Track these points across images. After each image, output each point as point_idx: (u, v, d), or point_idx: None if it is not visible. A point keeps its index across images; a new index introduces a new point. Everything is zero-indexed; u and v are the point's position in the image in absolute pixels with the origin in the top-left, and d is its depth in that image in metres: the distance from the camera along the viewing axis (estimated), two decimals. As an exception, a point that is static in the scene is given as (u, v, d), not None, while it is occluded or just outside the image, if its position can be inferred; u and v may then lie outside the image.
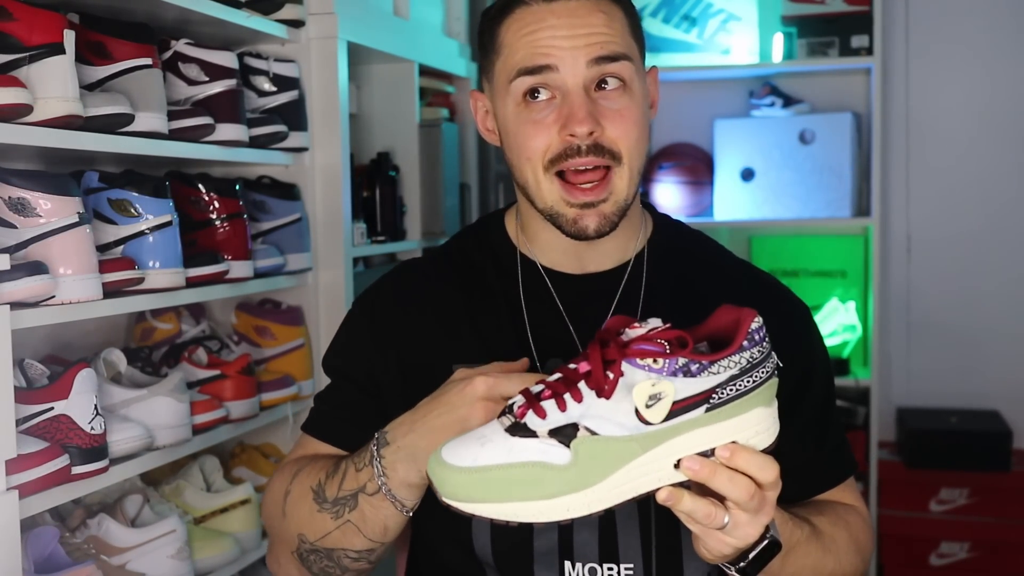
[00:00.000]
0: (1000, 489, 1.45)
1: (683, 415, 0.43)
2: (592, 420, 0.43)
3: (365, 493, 0.52)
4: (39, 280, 0.67)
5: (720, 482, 0.44)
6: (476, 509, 0.44)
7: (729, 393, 0.44)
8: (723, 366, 0.43)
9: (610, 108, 0.54)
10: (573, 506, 0.43)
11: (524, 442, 0.43)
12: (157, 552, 0.79)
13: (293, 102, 0.99)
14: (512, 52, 0.54)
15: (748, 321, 0.44)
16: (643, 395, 0.43)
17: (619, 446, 0.43)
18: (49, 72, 0.68)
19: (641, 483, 0.44)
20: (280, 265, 0.98)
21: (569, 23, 0.53)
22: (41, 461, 0.67)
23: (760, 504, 0.45)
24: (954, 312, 1.58)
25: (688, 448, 0.44)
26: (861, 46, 1.47)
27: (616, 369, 0.43)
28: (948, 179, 1.59)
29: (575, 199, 0.54)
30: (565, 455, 0.43)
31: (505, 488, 0.43)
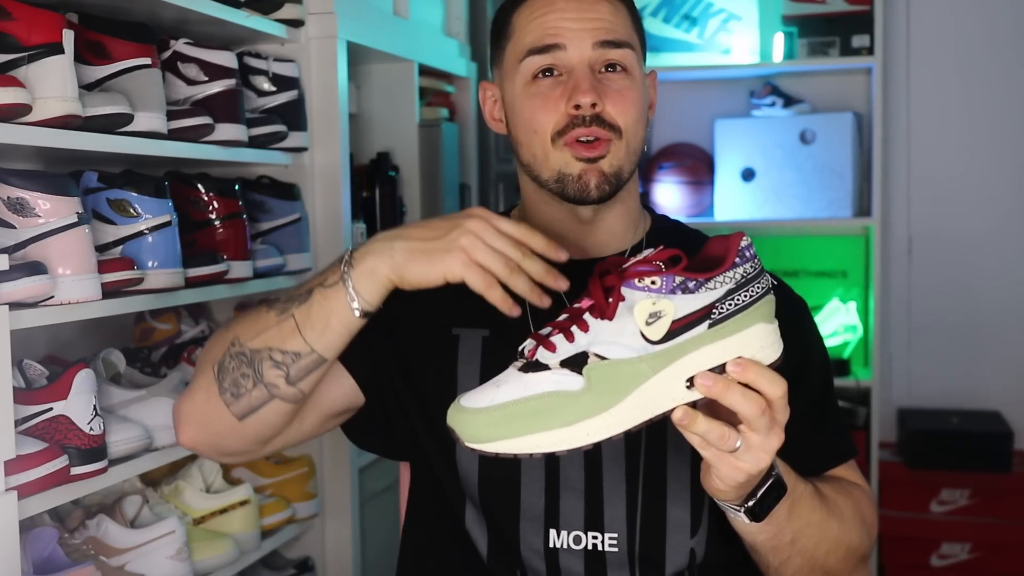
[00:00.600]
0: (1001, 490, 1.45)
1: (687, 332, 0.44)
2: (600, 346, 0.44)
3: (323, 286, 0.52)
4: (38, 280, 0.67)
5: (733, 397, 0.44)
6: (499, 447, 0.44)
7: (729, 308, 0.45)
8: (719, 282, 0.45)
9: (612, 87, 0.57)
10: (592, 430, 0.44)
11: (538, 376, 0.45)
12: (156, 553, 0.79)
13: (293, 102, 0.99)
14: (523, 35, 0.58)
15: (738, 240, 0.46)
16: (643, 313, 0.44)
17: (629, 367, 0.44)
18: (48, 72, 0.68)
19: (656, 404, 0.44)
20: (280, 265, 0.98)
21: (578, 6, 0.57)
22: (40, 462, 0.67)
23: (770, 424, 0.45)
24: (955, 312, 1.58)
25: (697, 366, 0.44)
26: (862, 46, 1.47)
27: (616, 294, 0.45)
28: (949, 179, 1.59)
29: (579, 154, 0.57)
30: (578, 381, 0.44)
31: (525, 421, 0.44)
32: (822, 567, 0.54)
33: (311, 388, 0.55)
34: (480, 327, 0.59)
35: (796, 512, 0.51)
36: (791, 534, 0.51)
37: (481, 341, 0.58)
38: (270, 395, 0.54)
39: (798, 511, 0.51)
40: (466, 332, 0.59)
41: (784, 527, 0.51)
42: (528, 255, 0.50)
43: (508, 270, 0.50)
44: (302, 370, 0.54)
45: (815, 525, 0.53)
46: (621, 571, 0.55)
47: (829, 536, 0.54)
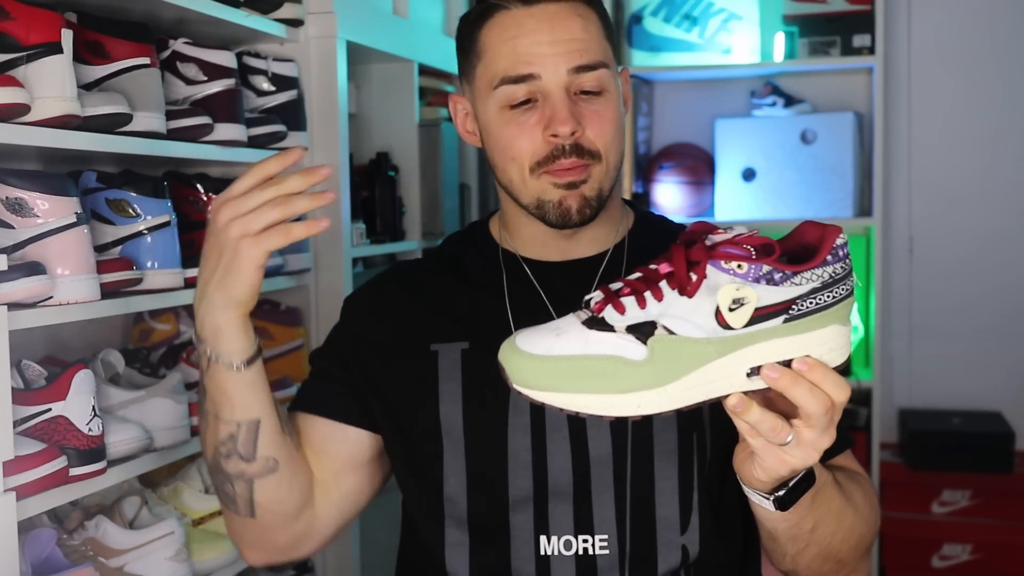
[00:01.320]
0: (1003, 491, 1.45)
1: (762, 323, 0.43)
2: (671, 320, 0.43)
3: (204, 373, 0.54)
4: (37, 281, 0.67)
5: (799, 392, 0.43)
6: (547, 398, 0.43)
7: (809, 306, 0.43)
8: (806, 278, 0.43)
9: (589, 109, 0.57)
10: (644, 403, 0.43)
11: (601, 335, 0.43)
12: (155, 554, 0.78)
13: (292, 102, 0.98)
14: (494, 58, 0.56)
15: (833, 236, 0.44)
16: (727, 298, 0.43)
17: (695, 348, 0.43)
18: (47, 71, 0.68)
19: (712, 387, 0.43)
20: (279, 266, 0.97)
21: (550, 27, 0.55)
22: (38, 463, 0.67)
23: (828, 424, 0.45)
24: (956, 313, 1.58)
25: (763, 357, 0.43)
26: (863, 45, 1.47)
27: (700, 270, 0.43)
28: (950, 179, 1.59)
29: (560, 179, 0.57)
30: (642, 351, 0.43)
31: (579, 378, 0.43)
32: (836, 555, 0.54)
33: (275, 450, 0.56)
34: (458, 340, 0.59)
35: (818, 501, 0.51)
36: (812, 522, 0.51)
37: (460, 354, 0.58)
38: (247, 481, 0.56)
39: (820, 500, 0.51)
40: (444, 347, 0.59)
41: (806, 516, 0.50)
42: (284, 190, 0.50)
43: (283, 211, 0.50)
44: (247, 443, 0.55)
45: (834, 513, 0.53)
46: (612, 573, 0.55)
47: (845, 524, 0.54)
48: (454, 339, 0.59)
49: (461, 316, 0.59)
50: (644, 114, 1.62)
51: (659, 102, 1.67)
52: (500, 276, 0.60)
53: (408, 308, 0.60)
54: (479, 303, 0.60)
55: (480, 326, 0.58)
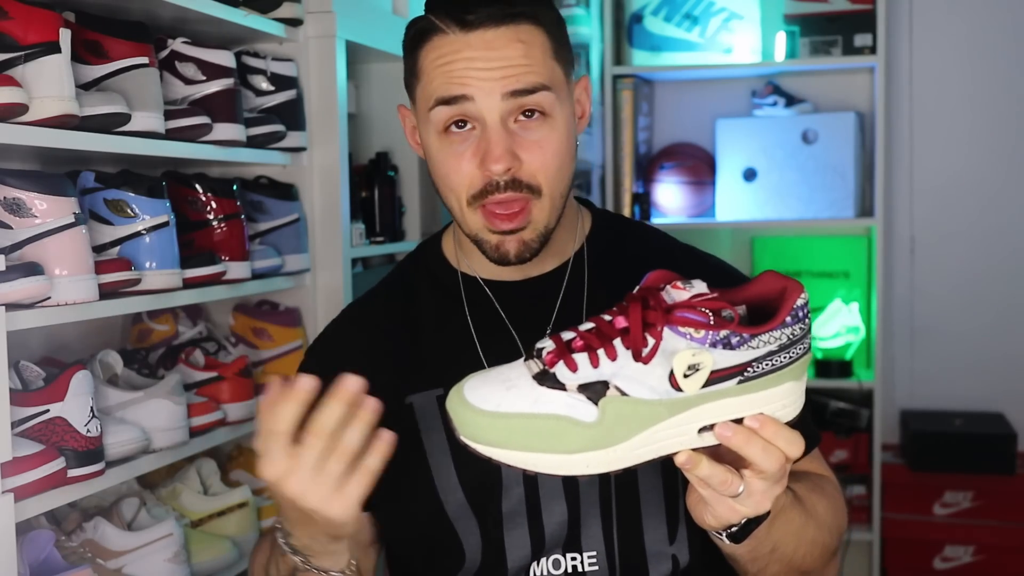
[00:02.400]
0: (1005, 492, 1.44)
1: (715, 385, 0.43)
2: (624, 381, 0.42)
3: (299, 571, 0.51)
4: (35, 281, 0.66)
5: (753, 450, 0.43)
6: (494, 453, 0.43)
7: (764, 368, 0.43)
8: (763, 340, 0.43)
9: (529, 139, 0.54)
10: (592, 463, 0.43)
11: (551, 393, 0.43)
12: (154, 556, 0.78)
13: (291, 101, 0.98)
14: (430, 80, 0.54)
15: (794, 296, 0.43)
16: (682, 364, 0.42)
17: (647, 409, 0.42)
18: (45, 71, 0.68)
19: (663, 446, 0.43)
20: (278, 266, 0.97)
21: (484, 55, 0.52)
22: (36, 464, 0.66)
23: (779, 477, 0.45)
24: (958, 313, 1.57)
25: (715, 416, 0.43)
26: (864, 45, 1.46)
27: (656, 334, 0.42)
28: (952, 179, 1.58)
29: (495, 227, 0.55)
30: (592, 412, 0.42)
31: (527, 437, 0.43)
32: (799, 568, 0.53)
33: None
34: (432, 387, 0.57)
35: (777, 525, 0.51)
36: (771, 545, 0.51)
37: (436, 401, 0.57)
38: None
39: (778, 523, 0.51)
40: (419, 397, 0.57)
41: (764, 540, 0.50)
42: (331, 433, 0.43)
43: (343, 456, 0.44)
44: None
45: (794, 533, 0.52)
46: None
47: (806, 539, 0.54)
48: (428, 387, 0.57)
49: (429, 359, 0.57)
50: (645, 114, 1.61)
51: (660, 102, 1.66)
52: (461, 305, 0.59)
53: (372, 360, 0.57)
54: (445, 340, 0.58)
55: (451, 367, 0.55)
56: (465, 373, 0.53)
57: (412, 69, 0.56)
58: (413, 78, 0.56)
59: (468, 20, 0.52)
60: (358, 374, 0.50)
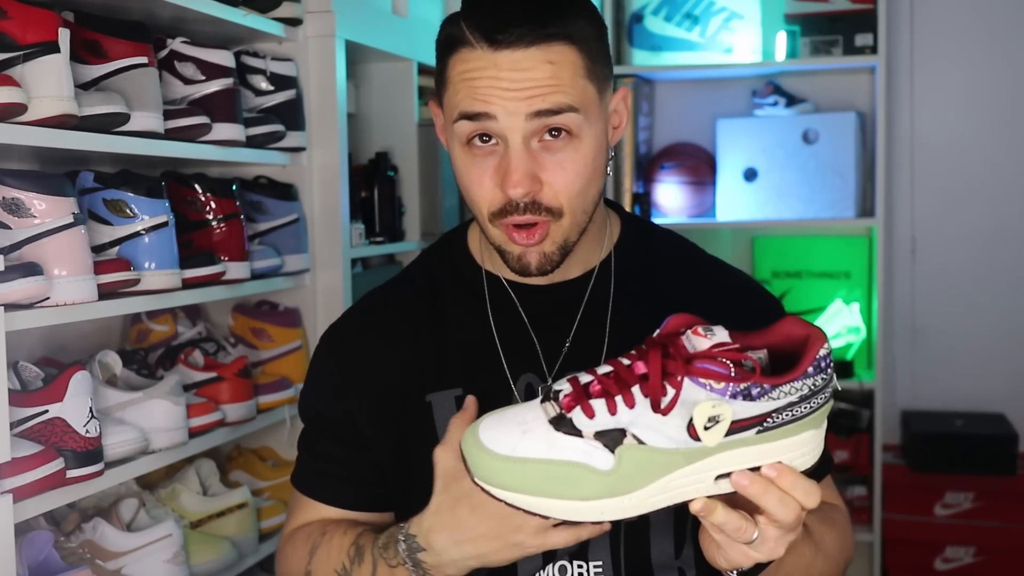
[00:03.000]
0: (1006, 493, 1.44)
1: (733, 435, 0.42)
2: (641, 429, 0.42)
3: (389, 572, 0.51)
4: (34, 281, 0.66)
5: (769, 501, 0.43)
6: (508, 497, 0.43)
7: (784, 418, 0.43)
8: (784, 391, 0.42)
9: (551, 160, 0.53)
10: (607, 510, 0.43)
11: (567, 439, 0.43)
12: (153, 557, 0.78)
13: (290, 101, 0.98)
14: (455, 92, 0.54)
15: (817, 347, 0.43)
16: (703, 416, 0.42)
17: (664, 458, 0.42)
18: (43, 71, 0.68)
19: (678, 493, 0.43)
20: (277, 266, 0.97)
21: (510, 76, 0.51)
22: (35, 464, 0.66)
23: (796, 524, 0.44)
24: (959, 314, 1.57)
25: (732, 465, 0.43)
26: (865, 44, 1.46)
27: (676, 384, 0.42)
28: (953, 179, 1.58)
29: (516, 242, 0.54)
30: (609, 460, 0.42)
31: (542, 483, 0.43)
32: None
33: None
34: (452, 387, 0.57)
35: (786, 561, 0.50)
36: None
37: (455, 401, 0.57)
38: None
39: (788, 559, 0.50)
40: (438, 396, 0.57)
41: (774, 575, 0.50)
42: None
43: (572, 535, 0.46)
44: None
45: (803, 568, 0.52)
46: None
47: (814, 572, 0.53)
48: (448, 385, 0.57)
49: (450, 358, 0.57)
50: (645, 114, 1.61)
51: (660, 102, 1.66)
52: (485, 306, 0.58)
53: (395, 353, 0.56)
54: (467, 341, 0.58)
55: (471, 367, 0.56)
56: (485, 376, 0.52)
57: (440, 74, 0.56)
58: (440, 83, 0.56)
59: (498, 39, 0.51)
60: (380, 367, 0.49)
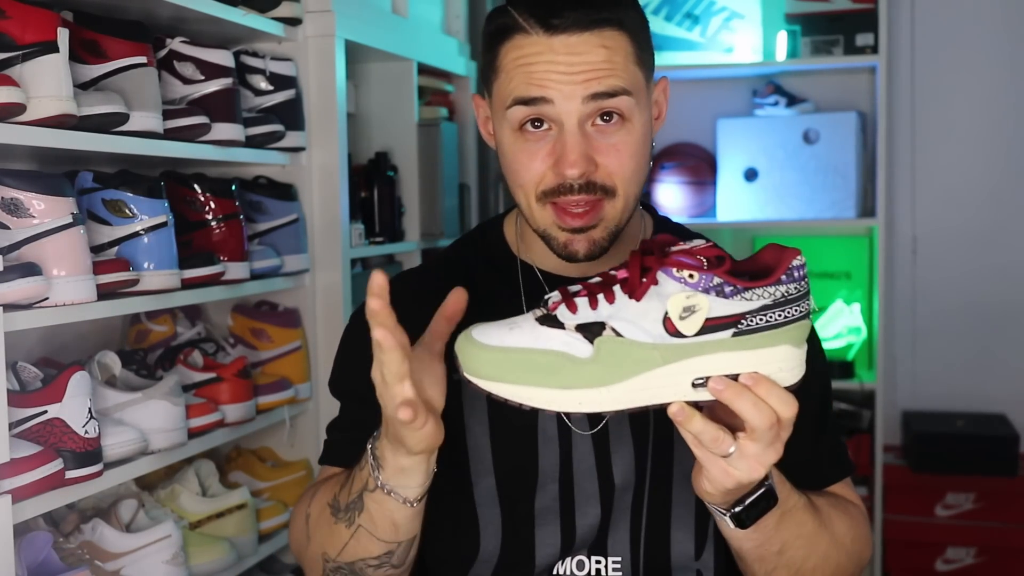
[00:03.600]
0: (1007, 494, 1.43)
1: (710, 334, 0.43)
2: (619, 322, 0.44)
3: (367, 490, 0.51)
4: (32, 282, 0.66)
5: (744, 405, 0.43)
6: (493, 387, 0.44)
7: (758, 322, 0.43)
8: (757, 294, 0.43)
9: (606, 143, 0.54)
10: (586, 401, 0.44)
11: (550, 332, 0.44)
12: (152, 558, 0.78)
13: (290, 101, 0.98)
14: (508, 79, 0.54)
15: (791, 257, 0.44)
16: (678, 305, 0.43)
17: (641, 352, 0.43)
18: (42, 71, 0.67)
19: (656, 394, 0.44)
20: (277, 266, 0.97)
21: (568, 60, 0.52)
22: (34, 465, 0.66)
23: (773, 438, 0.44)
24: (960, 314, 1.57)
25: (709, 369, 0.43)
26: (866, 44, 1.45)
27: (651, 276, 0.44)
28: (954, 179, 1.57)
29: (566, 224, 0.54)
30: (587, 350, 0.44)
31: (524, 371, 0.44)
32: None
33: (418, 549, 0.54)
34: None
35: (786, 523, 0.50)
36: (779, 544, 0.50)
37: None
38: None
39: (788, 522, 0.50)
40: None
41: (772, 537, 0.50)
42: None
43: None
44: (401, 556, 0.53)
45: (805, 538, 0.52)
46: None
47: (818, 551, 0.53)
48: None
49: None
50: (645, 114, 1.60)
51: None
52: (518, 293, 0.58)
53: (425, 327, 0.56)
54: None
55: None
56: None
57: (491, 63, 0.56)
58: (491, 71, 0.56)
59: (553, 24, 0.52)
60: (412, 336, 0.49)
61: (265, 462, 1.01)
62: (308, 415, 1.03)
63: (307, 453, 1.03)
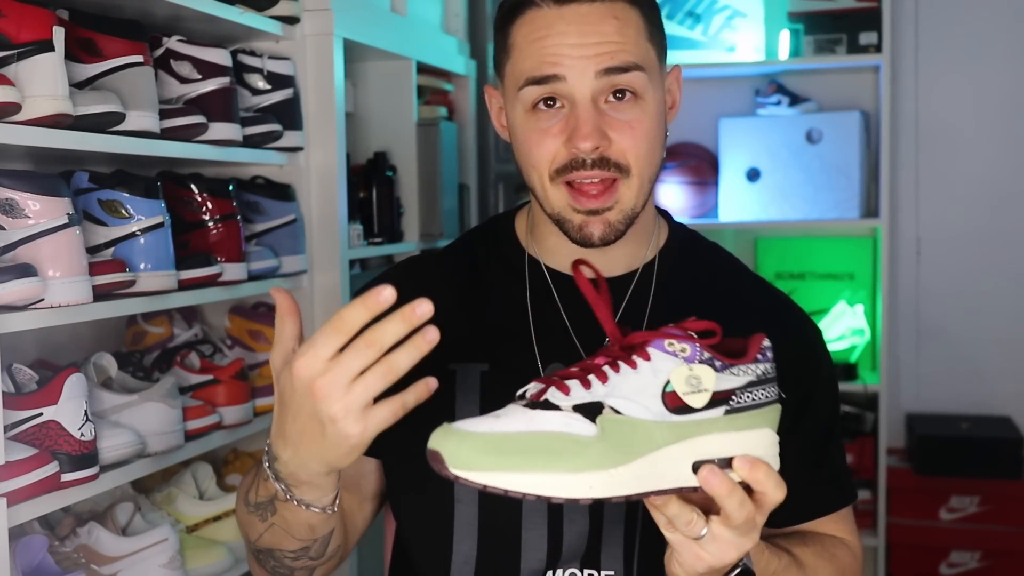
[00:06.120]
0: (1012, 497, 1.42)
1: (703, 412, 0.42)
2: (617, 400, 0.42)
3: (278, 500, 0.49)
4: (28, 283, 0.66)
5: (731, 502, 0.43)
6: (491, 479, 0.40)
7: (746, 401, 0.43)
8: (742, 370, 0.43)
9: (619, 119, 0.53)
10: (596, 485, 0.41)
11: (546, 414, 0.41)
12: (148, 561, 0.77)
13: (288, 100, 0.97)
14: (521, 57, 0.54)
15: (759, 340, 0.44)
16: (681, 377, 0.42)
17: (644, 429, 0.42)
18: (38, 70, 0.67)
19: (660, 479, 0.42)
20: (274, 267, 0.96)
21: (579, 30, 0.52)
22: (30, 468, 0.66)
23: (750, 528, 0.44)
24: (965, 315, 1.56)
25: (707, 451, 0.42)
26: (869, 43, 1.45)
27: (644, 354, 0.42)
28: (958, 179, 1.57)
29: (581, 205, 0.53)
30: (591, 428, 0.41)
31: (527, 456, 0.40)
32: None
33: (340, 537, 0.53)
34: (478, 361, 0.56)
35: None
36: None
37: (479, 376, 0.56)
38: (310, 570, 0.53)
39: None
40: (463, 367, 0.56)
41: None
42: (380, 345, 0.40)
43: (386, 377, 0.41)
44: (319, 548, 0.52)
45: None
46: None
47: None
48: (474, 359, 0.56)
49: (481, 333, 0.56)
50: (647, 113, 1.60)
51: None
52: (523, 288, 0.58)
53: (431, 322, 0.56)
54: (501, 319, 0.57)
55: (501, 346, 0.55)
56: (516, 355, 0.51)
57: (503, 45, 0.55)
58: (503, 55, 0.55)
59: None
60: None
61: (263, 464, 1.01)
62: (306, 417, 1.02)
63: (305, 455, 1.02)
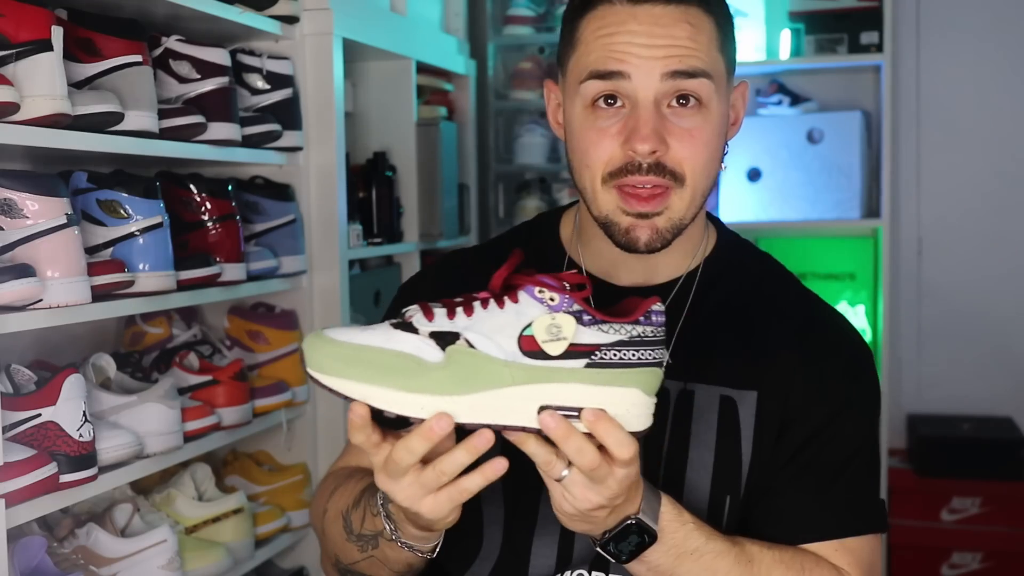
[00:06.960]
0: (1014, 498, 1.42)
1: (564, 360, 0.43)
2: (474, 335, 0.43)
3: (383, 537, 0.51)
4: (26, 283, 0.66)
5: (569, 447, 0.43)
6: (334, 383, 0.43)
7: (611, 358, 0.43)
8: (614, 328, 0.43)
9: (680, 126, 0.52)
10: (428, 407, 0.43)
11: (403, 335, 0.44)
12: (147, 563, 0.77)
13: (287, 100, 0.97)
14: (587, 51, 0.53)
15: (651, 302, 0.45)
16: (543, 325, 0.43)
17: (492, 367, 0.43)
18: (36, 69, 0.67)
19: (500, 414, 0.43)
20: (274, 268, 0.96)
21: (650, 31, 0.51)
22: (28, 469, 0.65)
23: (604, 476, 0.44)
24: (966, 316, 1.56)
25: (558, 397, 0.43)
26: (871, 43, 1.44)
27: (513, 295, 0.44)
28: (960, 179, 1.56)
29: (630, 207, 0.52)
30: (438, 355, 0.43)
31: (370, 369, 0.43)
32: None
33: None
34: None
35: (686, 566, 0.48)
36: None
37: None
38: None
39: (689, 566, 0.48)
40: None
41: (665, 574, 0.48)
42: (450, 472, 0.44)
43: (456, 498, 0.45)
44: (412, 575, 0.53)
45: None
46: None
47: None
48: None
49: None
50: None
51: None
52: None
53: None
54: None
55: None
56: None
57: (569, 38, 0.54)
58: (568, 47, 0.54)
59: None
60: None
61: (262, 466, 1.00)
62: (305, 418, 1.02)
63: (304, 457, 1.02)
